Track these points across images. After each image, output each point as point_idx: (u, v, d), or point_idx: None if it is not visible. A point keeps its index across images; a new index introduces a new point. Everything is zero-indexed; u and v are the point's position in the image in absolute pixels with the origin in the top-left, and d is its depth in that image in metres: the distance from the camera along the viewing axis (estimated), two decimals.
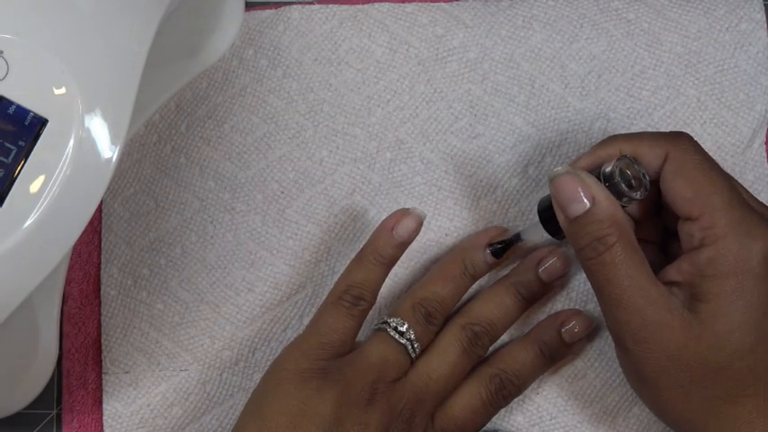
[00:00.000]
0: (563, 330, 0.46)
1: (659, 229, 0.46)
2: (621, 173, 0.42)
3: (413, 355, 0.45)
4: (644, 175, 0.42)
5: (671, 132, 0.43)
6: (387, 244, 0.45)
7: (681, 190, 0.41)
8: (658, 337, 0.40)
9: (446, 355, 0.45)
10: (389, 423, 0.43)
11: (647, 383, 0.41)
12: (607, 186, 0.41)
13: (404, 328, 0.45)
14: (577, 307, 0.48)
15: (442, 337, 0.46)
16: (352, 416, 0.42)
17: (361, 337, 0.46)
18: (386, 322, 0.45)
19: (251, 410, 0.43)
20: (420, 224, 0.45)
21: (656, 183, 0.43)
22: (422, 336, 0.45)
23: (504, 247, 0.47)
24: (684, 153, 0.41)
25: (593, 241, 0.40)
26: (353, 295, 0.44)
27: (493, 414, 0.46)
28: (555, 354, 0.47)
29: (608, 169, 0.42)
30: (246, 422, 0.43)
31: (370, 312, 0.46)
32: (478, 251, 0.47)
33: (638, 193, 0.42)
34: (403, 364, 0.44)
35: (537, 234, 0.46)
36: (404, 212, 0.45)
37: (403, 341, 0.45)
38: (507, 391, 0.45)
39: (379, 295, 0.48)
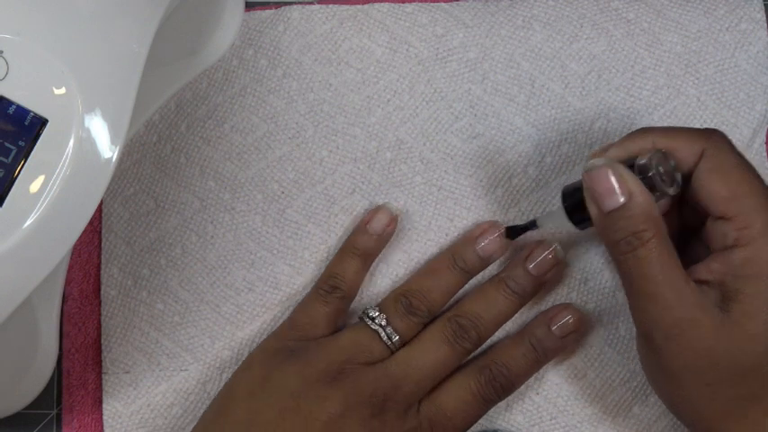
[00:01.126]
0: (553, 325, 0.46)
1: (676, 226, 0.45)
2: (656, 167, 0.41)
3: (387, 342, 0.45)
4: (675, 170, 0.42)
5: (706, 129, 0.43)
6: (362, 238, 0.48)
7: (717, 188, 0.41)
8: (689, 335, 0.40)
9: (428, 344, 0.45)
10: (355, 403, 0.43)
11: (673, 380, 0.41)
12: (641, 179, 0.41)
13: (375, 314, 0.46)
14: (578, 310, 0.48)
15: (427, 330, 0.46)
16: (312, 389, 0.43)
17: None
18: (363, 312, 0.46)
19: (223, 387, 0.46)
20: (392, 218, 0.48)
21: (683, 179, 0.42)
22: (401, 326, 0.45)
23: (519, 229, 0.47)
24: (721, 151, 0.41)
25: (628, 236, 0.40)
26: (330, 284, 0.47)
27: (485, 408, 0.45)
28: (547, 348, 0.46)
29: (643, 162, 0.41)
30: (217, 396, 0.46)
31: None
32: (467, 245, 0.47)
33: (672, 188, 0.41)
34: (376, 350, 0.45)
35: (554, 222, 0.45)
36: (378, 208, 0.48)
37: (374, 327, 0.45)
38: (498, 383, 0.45)
39: (377, 296, 0.49)
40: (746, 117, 0.50)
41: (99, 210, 0.50)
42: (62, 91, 0.36)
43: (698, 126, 0.50)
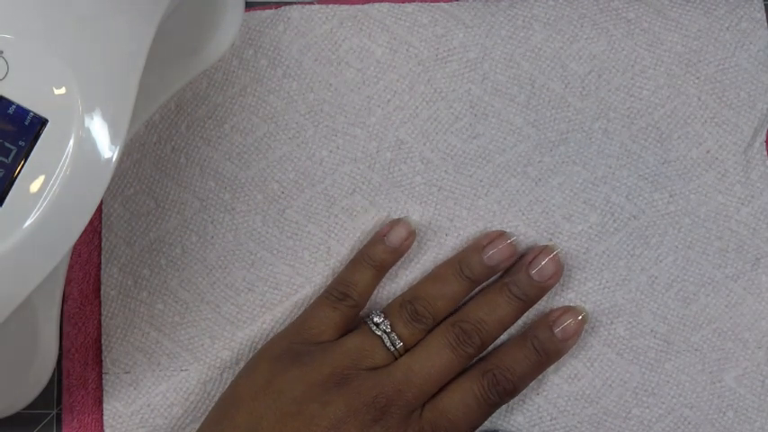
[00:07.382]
0: (556, 328, 0.46)
1: None
2: None
3: (391, 348, 0.45)
4: None
5: None
6: (378, 249, 0.47)
7: None
8: None
9: (431, 350, 0.45)
10: (358, 407, 0.43)
11: None
12: None
13: (380, 320, 0.46)
14: (580, 313, 0.48)
15: (431, 335, 0.46)
16: (315, 394, 0.43)
17: None
18: (368, 316, 0.46)
19: (228, 387, 0.46)
20: (410, 232, 0.48)
21: None
22: (405, 333, 0.45)
23: None
24: None
25: None
26: (340, 291, 0.47)
27: (489, 411, 0.45)
28: (550, 350, 0.46)
29: None
30: (221, 396, 0.46)
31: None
32: (474, 253, 0.47)
33: None
34: (380, 355, 0.45)
35: None
36: (397, 221, 0.48)
37: (378, 332, 0.45)
38: (501, 387, 0.45)
39: (377, 296, 0.49)
40: (747, 116, 0.50)
41: (99, 210, 0.50)
42: (62, 91, 0.36)
43: (698, 126, 0.50)
